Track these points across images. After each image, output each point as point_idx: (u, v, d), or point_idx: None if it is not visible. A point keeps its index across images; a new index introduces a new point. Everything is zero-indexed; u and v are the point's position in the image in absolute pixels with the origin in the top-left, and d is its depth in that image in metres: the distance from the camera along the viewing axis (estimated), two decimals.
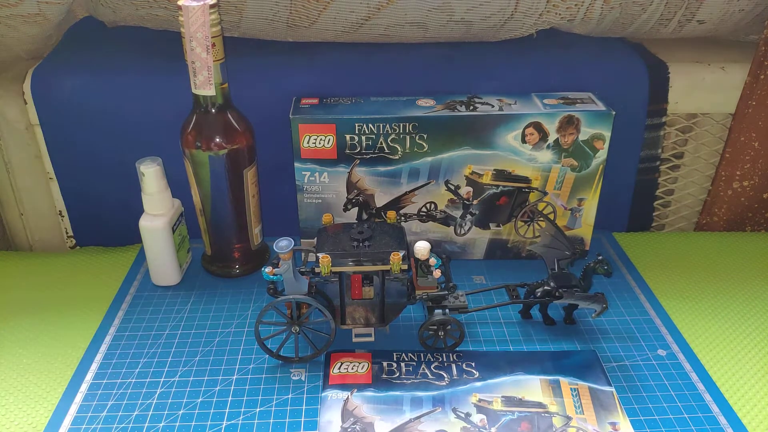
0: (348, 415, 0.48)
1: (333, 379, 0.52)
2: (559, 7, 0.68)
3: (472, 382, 0.52)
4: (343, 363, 0.54)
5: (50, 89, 0.68)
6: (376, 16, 0.67)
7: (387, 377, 0.52)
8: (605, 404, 0.51)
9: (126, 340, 0.60)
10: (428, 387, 0.52)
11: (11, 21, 0.65)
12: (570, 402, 0.51)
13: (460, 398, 0.51)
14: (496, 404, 0.50)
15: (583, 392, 0.52)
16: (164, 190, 0.64)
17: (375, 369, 0.53)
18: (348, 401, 0.50)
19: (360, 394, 0.51)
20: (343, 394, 0.51)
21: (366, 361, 0.54)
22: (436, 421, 0.48)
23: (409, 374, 0.53)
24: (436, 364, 0.54)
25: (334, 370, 0.53)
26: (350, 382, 0.52)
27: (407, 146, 0.64)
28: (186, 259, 0.70)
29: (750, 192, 0.77)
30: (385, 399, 0.50)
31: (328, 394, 0.51)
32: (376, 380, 0.52)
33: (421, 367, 0.54)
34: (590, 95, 0.67)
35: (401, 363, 0.54)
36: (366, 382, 0.52)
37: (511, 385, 0.52)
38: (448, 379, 0.53)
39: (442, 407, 0.50)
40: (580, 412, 0.50)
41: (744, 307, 0.66)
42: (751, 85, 0.72)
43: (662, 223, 0.82)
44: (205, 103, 0.60)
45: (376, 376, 0.53)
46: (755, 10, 0.70)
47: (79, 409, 0.53)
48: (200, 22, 0.55)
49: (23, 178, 0.74)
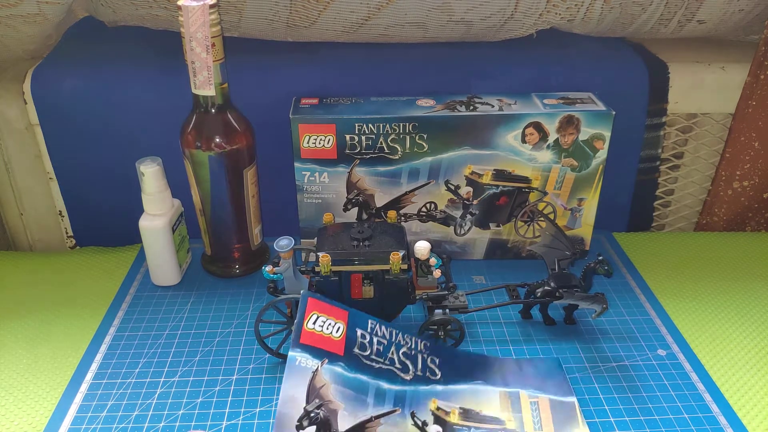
0: (314, 395, 0.46)
1: (305, 337, 0.48)
2: (559, 7, 0.68)
3: (434, 384, 0.51)
4: (319, 317, 0.50)
5: (50, 89, 0.68)
6: (376, 16, 0.67)
7: (359, 352, 0.49)
8: (566, 417, 0.50)
9: (126, 340, 0.60)
10: (393, 379, 0.50)
11: (11, 21, 0.65)
12: (528, 417, 0.49)
13: (420, 401, 0.49)
14: (453, 416, 0.49)
15: (543, 406, 0.51)
16: (164, 190, 0.64)
17: (349, 337, 0.50)
18: (316, 375, 0.46)
19: (330, 367, 0.47)
20: (312, 363, 0.47)
21: (342, 323, 0.50)
22: (394, 425, 0.47)
23: (379, 355, 0.50)
24: (405, 350, 0.52)
25: (308, 324, 0.49)
26: (322, 347, 0.48)
27: (407, 146, 0.64)
28: (186, 259, 0.70)
29: (750, 192, 0.77)
30: (352, 383, 0.48)
31: (297, 356, 0.47)
32: (347, 353, 0.49)
33: (390, 350, 0.51)
34: (590, 95, 0.67)
35: (374, 337, 0.51)
36: (338, 352, 0.49)
37: (471, 396, 0.51)
38: (413, 372, 0.51)
39: (401, 408, 0.48)
40: (539, 427, 0.49)
41: (744, 307, 0.66)
42: (751, 85, 0.72)
43: (662, 223, 0.82)
44: (205, 103, 0.60)
45: (348, 347, 0.49)
46: (755, 10, 0.70)
47: (79, 409, 0.53)
48: (200, 22, 0.55)
49: (23, 178, 0.74)
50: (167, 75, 0.67)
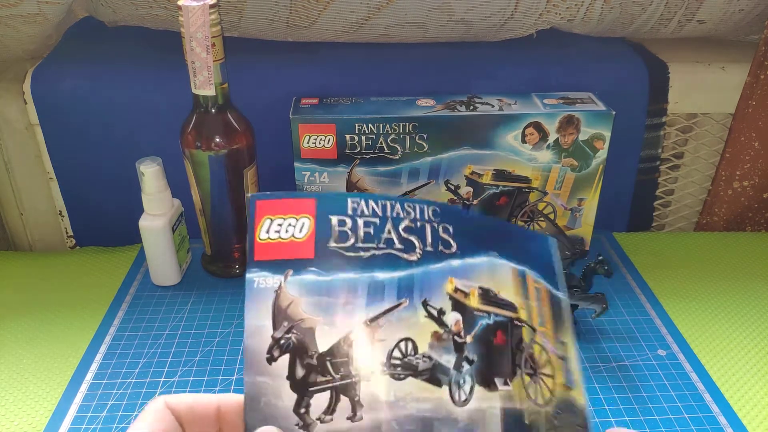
0: (281, 317, 0.35)
1: (260, 251, 0.36)
2: (559, 6, 0.68)
3: (449, 259, 0.40)
4: (274, 220, 0.37)
5: (50, 89, 0.68)
6: (376, 16, 0.67)
7: (336, 246, 0.36)
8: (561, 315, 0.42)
9: (126, 340, 0.60)
10: (394, 264, 0.37)
11: (11, 21, 0.65)
12: (534, 308, 0.42)
13: (433, 284, 0.38)
14: (473, 299, 0.39)
15: (544, 297, 0.43)
16: (164, 190, 0.64)
17: (319, 230, 0.36)
18: (280, 293, 0.35)
19: (297, 278, 0.35)
20: (273, 280, 0.35)
21: (307, 217, 0.37)
22: (400, 321, 0.36)
23: (369, 240, 0.37)
24: (407, 224, 0.39)
25: (261, 234, 0.36)
26: (283, 257, 0.36)
27: (407, 146, 0.64)
28: (186, 259, 0.70)
29: (750, 192, 0.77)
30: (330, 287, 0.35)
31: (253, 277, 0.35)
32: (320, 252, 0.36)
33: (385, 228, 0.38)
34: (590, 95, 0.67)
35: (357, 218, 0.37)
36: (306, 256, 0.36)
37: (488, 272, 0.41)
38: (421, 249, 0.39)
39: (409, 299, 0.36)
40: (542, 323, 0.41)
41: (744, 307, 0.66)
42: (751, 85, 0.71)
43: (662, 223, 0.82)
44: (205, 103, 0.60)
45: (320, 243, 0.36)
46: (755, 10, 0.70)
47: (79, 409, 0.53)
48: (200, 22, 0.55)
49: (23, 178, 0.74)
50: (167, 75, 0.67)
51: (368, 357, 0.34)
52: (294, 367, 0.34)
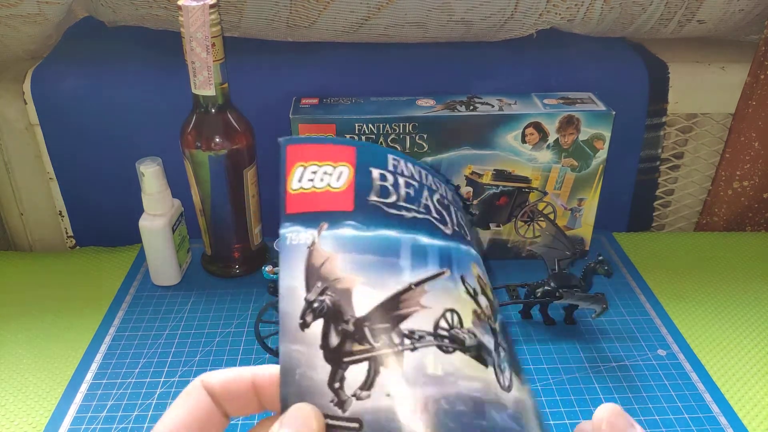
0: (314, 278, 0.30)
1: (292, 203, 0.31)
2: (559, 7, 0.68)
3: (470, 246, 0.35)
4: (307, 168, 0.33)
5: (50, 89, 0.68)
6: (376, 16, 0.67)
7: (377, 200, 0.32)
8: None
9: (126, 340, 0.60)
10: (434, 231, 0.33)
11: (11, 21, 0.65)
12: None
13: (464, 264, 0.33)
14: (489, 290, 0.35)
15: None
16: (164, 190, 0.64)
17: (359, 183, 0.32)
18: (314, 250, 0.30)
19: (333, 232, 0.31)
20: (307, 235, 0.30)
21: (346, 166, 0.33)
22: (446, 292, 0.31)
23: (411, 201, 0.33)
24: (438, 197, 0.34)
25: (293, 184, 0.32)
26: (318, 209, 0.31)
27: (407, 146, 0.64)
28: (186, 259, 0.70)
29: (750, 192, 0.77)
30: (371, 243, 0.31)
31: (286, 232, 0.31)
32: (360, 204, 0.31)
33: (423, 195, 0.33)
34: (590, 95, 0.67)
35: (399, 177, 0.33)
36: (344, 208, 0.31)
37: None
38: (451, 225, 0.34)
39: (450, 272, 0.33)
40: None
41: (744, 307, 0.66)
42: (751, 85, 0.71)
43: (662, 223, 0.82)
44: (205, 103, 0.60)
45: (359, 195, 0.31)
46: (755, 10, 0.70)
47: (78, 410, 0.53)
48: (200, 22, 0.55)
49: (23, 178, 0.74)
50: (167, 75, 0.67)
51: (413, 324, 0.29)
52: (328, 334, 0.29)
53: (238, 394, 0.29)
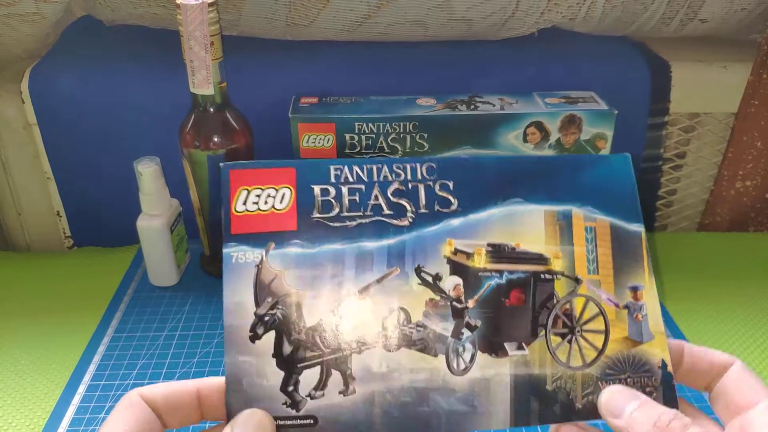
0: (264, 293, 0.33)
1: (237, 224, 0.34)
2: (561, 5, 0.67)
3: (447, 219, 0.35)
4: (251, 191, 0.34)
5: (48, 88, 0.68)
6: (376, 15, 0.66)
7: (320, 216, 0.34)
8: (629, 254, 0.35)
9: (124, 341, 0.60)
10: (382, 231, 0.34)
11: (9, 20, 0.65)
12: (582, 252, 0.35)
13: (427, 248, 0.34)
14: (478, 259, 0.34)
15: (602, 234, 0.35)
16: (162, 190, 0.64)
17: (301, 201, 0.34)
18: (262, 268, 0.33)
19: (280, 251, 0.33)
20: (254, 255, 0.33)
21: (287, 187, 0.34)
22: (393, 290, 0.33)
23: (355, 208, 0.34)
24: (396, 187, 0.35)
25: (237, 206, 0.34)
26: (264, 230, 0.34)
27: (407, 146, 0.63)
28: (184, 260, 0.70)
29: (753, 192, 0.77)
30: (316, 259, 0.33)
31: (231, 252, 0.33)
32: (303, 223, 0.33)
33: (372, 194, 0.35)
34: (592, 94, 0.66)
35: (341, 186, 0.34)
36: (289, 228, 0.33)
37: (503, 223, 0.35)
38: (413, 212, 0.35)
39: (400, 266, 0.34)
40: (594, 269, 0.34)
41: (747, 307, 0.65)
42: (753, 84, 0.71)
43: (665, 223, 0.82)
44: (203, 102, 0.60)
45: (302, 214, 0.34)
46: (757, 9, 0.70)
47: (77, 411, 0.52)
48: (199, 20, 0.54)
49: (21, 177, 0.73)
50: (166, 74, 0.67)
51: (360, 329, 0.32)
52: (280, 344, 0.32)
53: (180, 406, 0.30)
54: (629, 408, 0.30)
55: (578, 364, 0.33)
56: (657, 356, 0.33)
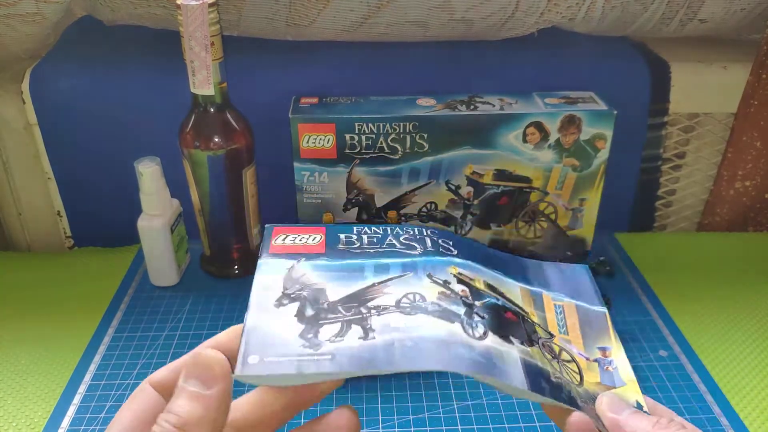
0: (292, 282, 0.37)
1: (274, 249, 0.39)
2: (561, 5, 0.67)
3: (450, 257, 0.41)
4: (289, 235, 0.41)
5: (48, 88, 0.68)
6: (376, 15, 0.66)
7: (345, 247, 0.40)
8: (595, 326, 0.40)
9: (124, 341, 0.60)
10: (397, 254, 0.40)
11: (9, 20, 0.65)
12: (553, 318, 0.40)
13: (436, 267, 0.39)
14: (478, 283, 0.40)
15: (569, 311, 0.41)
16: (163, 190, 0.64)
17: (330, 240, 0.40)
18: (293, 268, 0.37)
19: (310, 262, 0.38)
20: (287, 263, 0.37)
21: (319, 233, 0.41)
22: (407, 284, 0.37)
23: (373, 245, 0.40)
24: (407, 236, 0.42)
25: (276, 241, 0.40)
26: (297, 252, 0.39)
27: (407, 146, 0.63)
28: (185, 260, 0.70)
29: (752, 192, 0.77)
30: (341, 267, 0.38)
31: (266, 261, 0.38)
32: (330, 250, 0.40)
33: (387, 238, 0.41)
34: (592, 94, 0.66)
35: (363, 236, 0.41)
36: (318, 251, 0.40)
37: (492, 279, 0.41)
38: (422, 249, 0.41)
39: (413, 273, 0.38)
40: (564, 332, 0.40)
41: (746, 307, 0.65)
42: (753, 84, 0.71)
43: (664, 224, 0.82)
44: (203, 103, 0.60)
45: (330, 246, 0.40)
46: (757, 9, 0.70)
47: (77, 411, 0.52)
48: (199, 20, 0.54)
49: (21, 177, 0.74)
50: (166, 74, 0.67)
51: (378, 302, 0.35)
52: (303, 309, 0.34)
53: None
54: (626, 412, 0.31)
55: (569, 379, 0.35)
56: (632, 399, 0.35)
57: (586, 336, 0.39)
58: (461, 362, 0.32)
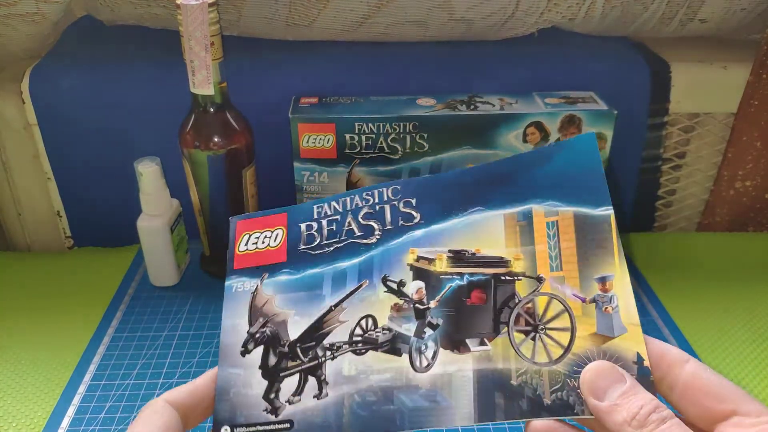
0: (257, 315, 0.38)
1: (239, 261, 0.41)
2: (561, 5, 0.67)
3: (410, 231, 0.38)
4: (251, 235, 0.42)
5: (48, 88, 0.68)
6: (376, 15, 0.66)
7: (305, 248, 0.40)
8: (595, 244, 0.34)
9: (124, 341, 0.60)
10: (354, 251, 0.39)
11: (9, 20, 0.65)
12: (544, 251, 0.35)
13: (392, 259, 0.38)
14: (439, 263, 0.37)
15: (565, 227, 0.35)
16: (162, 190, 0.64)
17: (290, 238, 0.41)
18: (257, 294, 0.39)
19: (272, 280, 0.39)
20: (250, 284, 0.39)
21: (280, 228, 0.42)
22: (362, 302, 0.37)
23: (332, 236, 0.40)
24: (365, 211, 0.40)
25: (240, 248, 0.41)
26: (260, 264, 0.40)
27: (407, 146, 0.63)
28: (184, 260, 0.70)
29: (752, 192, 0.77)
30: (301, 282, 0.39)
31: (232, 283, 0.40)
32: (291, 255, 0.40)
33: (346, 221, 0.40)
34: (592, 94, 0.66)
35: (322, 220, 0.41)
36: (279, 260, 0.40)
37: (464, 232, 0.37)
38: (380, 229, 0.39)
39: (369, 279, 0.38)
40: (558, 266, 0.34)
41: (747, 307, 0.65)
42: (753, 84, 0.71)
43: (664, 224, 0.82)
44: (203, 103, 0.60)
45: (291, 248, 0.40)
46: (757, 9, 0.70)
47: (77, 411, 0.52)
48: (199, 20, 0.54)
49: (21, 178, 0.74)
50: (166, 74, 0.67)
51: (333, 338, 0.36)
52: (267, 357, 0.36)
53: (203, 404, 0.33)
54: (613, 393, 0.28)
55: (543, 360, 0.32)
56: (631, 350, 0.32)
57: (584, 263, 0.34)
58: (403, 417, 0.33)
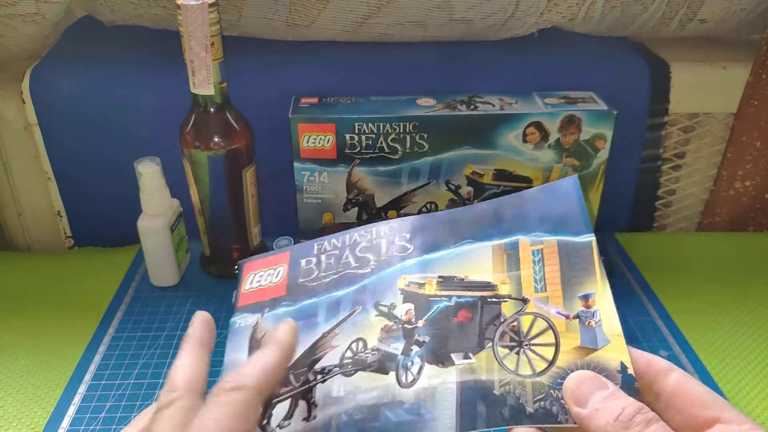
0: (256, 347, 0.40)
1: (244, 299, 0.44)
2: (561, 5, 0.67)
3: (404, 260, 0.40)
4: (256, 274, 0.44)
5: (49, 89, 0.68)
6: (376, 15, 0.66)
7: (304, 280, 0.43)
8: (578, 266, 0.36)
9: (124, 341, 0.60)
10: (349, 281, 0.41)
11: (9, 20, 0.65)
12: (529, 275, 0.37)
13: (385, 286, 0.40)
14: (428, 287, 0.39)
15: (549, 253, 0.37)
16: (163, 190, 0.64)
17: (291, 273, 0.43)
18: (257, 328, 0.41)
19: (271, 313, 0.42)
20: (252, 319, 0.42)
21: (282, 265, 0.44)
22: (354, 326, 0.39)
23: (330, 268, 0.42)
24: (364, 245, 0.43)
25: (246, 287, 0.44)
26: (262, 299, 0.43)
27: (407, 146, 0.63)
28: (185, 260, 0.70)
29: (752, 192, 0.77)
30: (298, 312, 0.41)
31: (236, 320, 0.43)
32: (291, 288, 0.42)
33: (344, 255, 0.43)
34: (592, 95, 0.66)
35: (322, 256, 0.43)
36: (280, 294, 0.43)
37: (454, 260, 0.39)
38: (374, 261, 0.41)
39: (362, 306, 0.39)
40: (542, 288, 0.36)
41: (746, 307, 0.65)
42: (753, 84, 0.71)
43: (664, 224, 0.82)
44: (203, 103, 0.60)
45: (291, 282, 0.43)
46: (757, 9, 0.70)
47: (77, 411, 0.52)
48: (199, 20, 0.54)
49: (21, 178, 0.74)
50: (166, 74, 0.67)
51: (325, 362, 0.38)
52: None
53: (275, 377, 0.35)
54: (595, 398, 0.29)
55: (527, 372, 0.33)
56: (615, 360, 0.33)
57: (567, 284, 0.36)
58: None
